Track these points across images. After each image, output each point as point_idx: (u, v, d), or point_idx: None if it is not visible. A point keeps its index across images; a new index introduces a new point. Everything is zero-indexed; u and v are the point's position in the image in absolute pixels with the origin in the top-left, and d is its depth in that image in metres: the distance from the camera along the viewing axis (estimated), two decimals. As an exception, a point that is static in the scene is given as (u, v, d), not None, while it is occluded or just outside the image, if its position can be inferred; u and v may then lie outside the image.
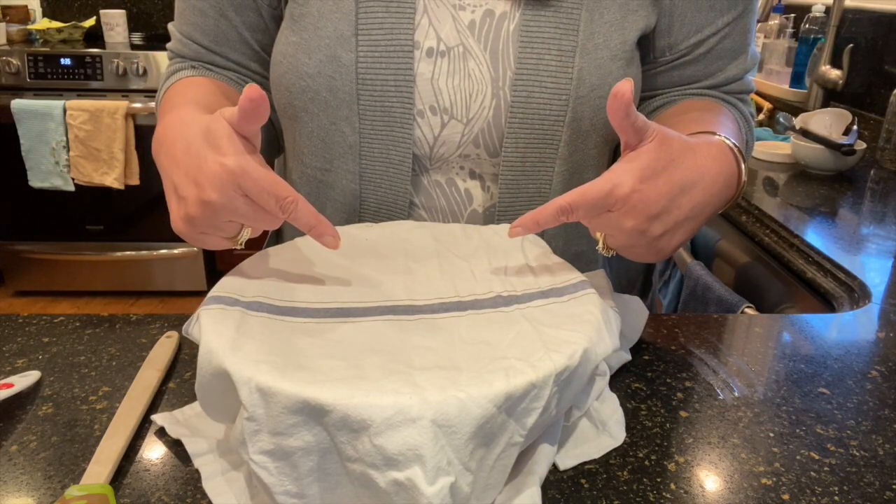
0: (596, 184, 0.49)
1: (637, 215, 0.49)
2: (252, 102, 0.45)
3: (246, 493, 0.44)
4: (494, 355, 0.44)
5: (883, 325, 0.72)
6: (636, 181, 0.48)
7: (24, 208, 2.65)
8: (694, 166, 0.52)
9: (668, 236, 0.51)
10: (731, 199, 0.59)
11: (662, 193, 0.49)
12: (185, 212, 0.49)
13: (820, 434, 0.52)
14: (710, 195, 0.53)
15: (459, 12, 0.64)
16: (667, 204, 0.50)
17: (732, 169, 0.57)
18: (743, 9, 0.67)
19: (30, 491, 0.44)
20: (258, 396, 0.39)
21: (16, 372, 0.56)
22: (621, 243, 0.52)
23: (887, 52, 1.61)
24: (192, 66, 0.71)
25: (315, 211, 0.49)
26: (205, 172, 0.47)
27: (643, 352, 0.62)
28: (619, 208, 0.49)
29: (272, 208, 0.47)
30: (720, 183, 0.54)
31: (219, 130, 0.47)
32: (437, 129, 0.66)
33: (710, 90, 0.72)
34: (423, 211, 0.70)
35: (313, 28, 0.64)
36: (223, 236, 0.50)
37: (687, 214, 0.51)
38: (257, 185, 0.46)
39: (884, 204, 1.20)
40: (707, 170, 0.53)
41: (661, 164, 0.50)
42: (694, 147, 0.53)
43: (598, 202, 0.49)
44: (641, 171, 0.49)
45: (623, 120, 0.48)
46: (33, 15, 2.92)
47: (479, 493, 0.41)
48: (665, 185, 0.50)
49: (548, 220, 0.50)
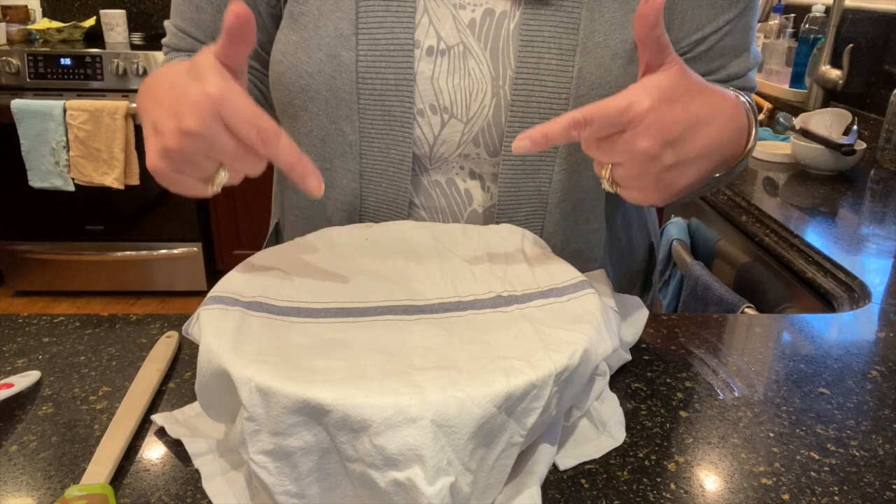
0: (614, 98, 0.47)
1: (652, 136, 0.47)
2: (237, 19, 0.44)
3: (246, 493, 0.44)
4: (494, 355, 0.44)
5: (883, 325, 0.72)
6: (655, 100, 0.47)
7: (24, 208, 2.65)
8: (710, 103, 0.51)
9: (678, 171, 0.50)
10: (737, 159, 0.58)
11: (679, 119, 0.48)
12: (161, 145, 0.47)
13: (820, 434, 0.52)
14: (723, 138, 0.52)
15: (459, 11, 0.64)
16: (683, 132, 0.48)
17: (744, 121, 0.56)
18: (744, 6, 0.67)
19: (30, 491, 0.44)
20: (258, 396, 0.39)
21: (16, 372, 0.56)
22: (629, 172, 0.50)
23: (887, 52, 1.61)
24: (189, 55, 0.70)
25: (297, 149, 0.47)
26: (185, 101, 0.45)
27: (643, 352, 0.62)
28: (635, 126, 0.47)
29: (252, 139, 0.45)
30: (732, 129, 0.53)
31: (203, 62, 0.46)
32: (438, 128, 0.66)
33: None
34: (422, 211, 0.70)
35: (313, 27, 0.64)
36: (199, 176, 0.48)
37: (700, 151, 0.50)
38: (237, 114, 0.45)
39: (884, 204, 1.20)
40: (721, 111, 0.52)
41: (680, 91, 0.48)
42: (711, 88, 0.52)
43: (614, 116, 0.47)
44: (661, 92, 0.47)
45: (651, 29, 0.46)
46: (33, 15, 2.92)
47: (479, 493, 0.41)
48: (683, 112, 0.48)
49: (559, 133, 0.49)
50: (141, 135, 2.44)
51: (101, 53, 2.44)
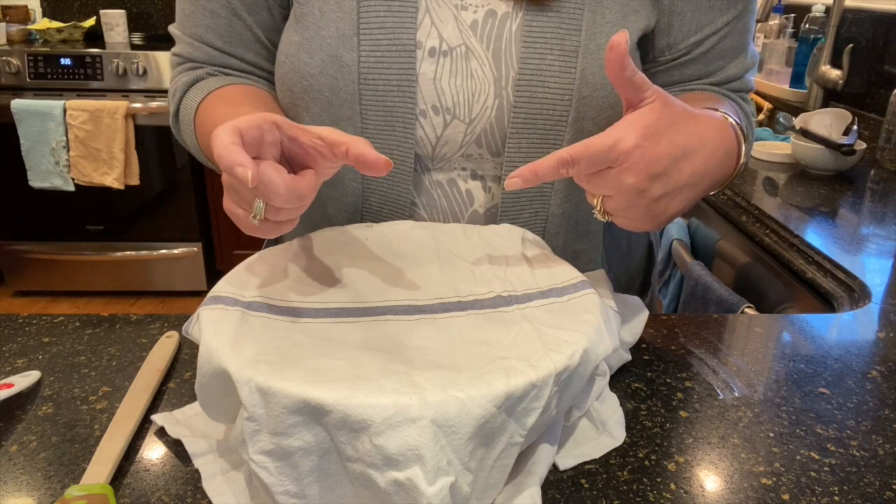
0: (599, 137, 0.49)
1: (639, 172, 0.49)
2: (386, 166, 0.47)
3: (246, 493, 0.44)
4: (494, 355, 0.44)
5: (883, 325, 0.72)
6: (640, 137, 0.48)
7: (24, 208, 2.65)
8: (696, 133, 0.52)
9: (667, 200, 0.51)
10: (728, 179, 0.59)
11: (665, 154, 0.49)
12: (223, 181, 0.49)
13: (820, 434, 0.52)
14: (710, 165, 0.53)
15: (461, 12, 0.64)
16: (668, 165, 0.50)
17: (733, 144, 0.57)
18: (742, 8, 0.68)
19: (30, 491, 0.44)
20: (258, 396, 0.39)
21: (16, 372, 0.56)
22: (619, 205, 0.51)
23: (887, 52, 1.61)
24: (211, 75, 0.70)
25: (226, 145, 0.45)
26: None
27: (643, 352, 0.62)
28: (622, 164, 0.49)
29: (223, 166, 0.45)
30: (720, 154, 0.54)
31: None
32: (440, 128, 0.66)
33: (710, 87, 0.72)
34: (423, 211, 0.70)
35: (315, 27, 0.63)
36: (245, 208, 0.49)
37: (687, 180, 0.51)
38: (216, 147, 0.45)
39: (884, 204, 1.20)
40: (708, 139, 0.53)
41: (664, 124, 0.50)
42: (696, 115, 0.53)
43: (600, 155, 0.48)
44: (645, 128, 0.49)
45: (620, 72, 0.48)
46: (33, 15, 2.92)
47: (479, 493, 0.41)
48: (668, 146, 0.50)
49: (547, 171, 0.50)
50: (140, 134, 2.45)
51: (101, 53, 2.44)
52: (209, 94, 0.66)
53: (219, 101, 0.66)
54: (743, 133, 0.58)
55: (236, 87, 0.68)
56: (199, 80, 0.69)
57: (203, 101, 0.66)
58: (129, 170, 2.46)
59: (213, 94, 0.66)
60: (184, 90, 0.70)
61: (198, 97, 0.67)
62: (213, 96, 0.66)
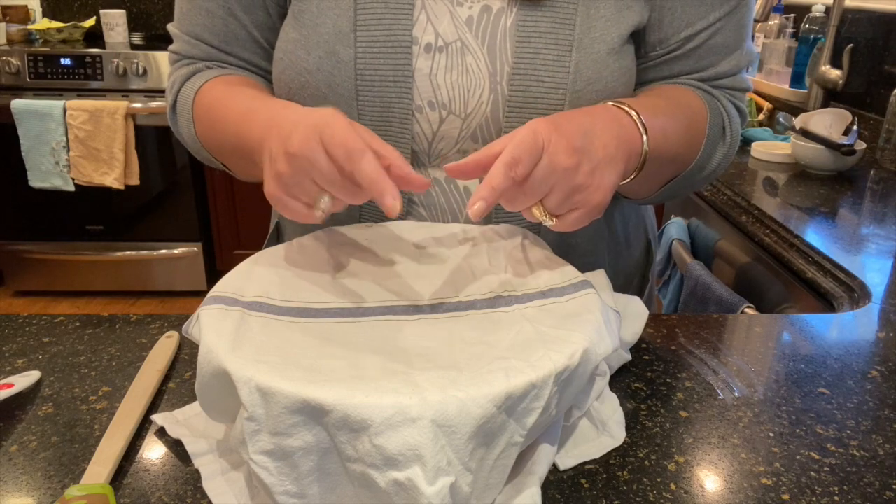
0: (518, 132, 0.51)
1: (564, 148, 0.51)
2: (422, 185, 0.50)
3: (246, 493, 0.44)
4: (494, 355, 0.44)
5: (883, 325, 0.72)
6: (547, 122, 0.51)
7: (24, 208, 2.65)
8: (580, 114, 0.56)
9: (598, 174, 0.53)
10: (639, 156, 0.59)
11: (574, 129, 0.52)
12: (274, 170, 0.50)
13: (820, 434, 0.52)
14: (611, 136, 0.55)
15: (457, 8, 0.64)
16: (583, 138, 0.52)
17: (619, 113, 0.59)
18: (736, 4, 0.67)
19: (30, 491, 0.44)
20: (258, 396, 0.39)
21: (16, 372, 0.56)
22: (560, 194, 0.52)
23: (887, 52, 1.61)
24: (209, 67, 0.70)
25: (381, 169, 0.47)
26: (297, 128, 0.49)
27: (643, 352, 0.62)
28: (548, 146, 0.50)
29: (340, 158, 0.47)
30: (615, 129, 0.56)
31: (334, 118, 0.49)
32: (436, 124, 0.66)
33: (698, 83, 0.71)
34: (422, 208, 0.70)
35: (312, 24, 0.64)
36: (305, 200, 0.51)
37: (602, 152, 0.54)
38: (333, 137, 0.47)
39: (884, 204, 1.20)
40: (594, 113, 0.57)
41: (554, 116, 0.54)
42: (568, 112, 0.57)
43: (531, 144, 0.50)
44: (544, 118, 0.52)
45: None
46: (33, 15, 2.92)
47: (479, 493, 0.41)
48: (570, 124, 0.53)
49: (500, 181, 0.50)
50: (140, 134, 2.45)
51: (101, 53, 2.44)
52: (208, 80, 0.68)
53: (218, 83, 0.67)
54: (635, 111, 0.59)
55: (234, 76, 0.69)
56: (197, 71, 0.70)
57: (202, 86, 0.67)
58: (129, 170, 2.46)
59: (212, 80, 0.68)
60: (182, 81, 0.70)
61: (196, 84, 0.68)
62: (211, 82, 0.68)
